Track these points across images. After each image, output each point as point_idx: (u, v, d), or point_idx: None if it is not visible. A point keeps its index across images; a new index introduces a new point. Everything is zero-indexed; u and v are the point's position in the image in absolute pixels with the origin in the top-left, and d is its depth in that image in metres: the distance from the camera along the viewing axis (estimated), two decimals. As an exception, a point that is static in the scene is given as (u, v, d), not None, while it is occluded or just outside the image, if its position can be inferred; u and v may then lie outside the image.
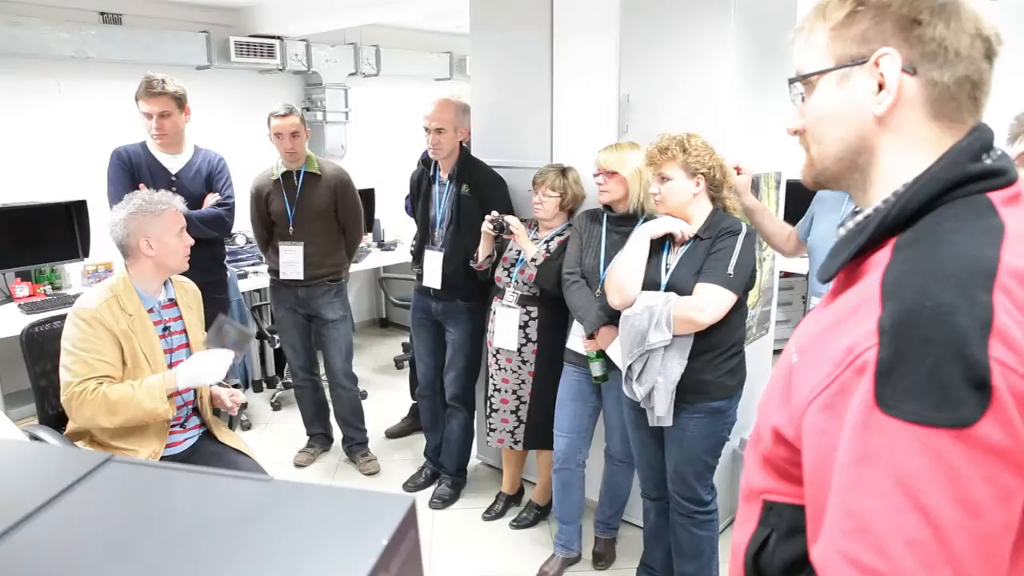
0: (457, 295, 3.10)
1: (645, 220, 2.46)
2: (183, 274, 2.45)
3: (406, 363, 5.05)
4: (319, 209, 3.33)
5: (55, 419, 2.42)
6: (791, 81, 0.89)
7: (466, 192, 3.01)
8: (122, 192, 2.79)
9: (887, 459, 0.67)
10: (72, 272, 4.34)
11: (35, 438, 2.22)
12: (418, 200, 3.20)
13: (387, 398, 4.54)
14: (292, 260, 3.35)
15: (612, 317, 2.40)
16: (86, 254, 4.22)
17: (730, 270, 2.10)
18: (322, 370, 3.69)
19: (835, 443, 0.72)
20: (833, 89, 0.85)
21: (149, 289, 2.34)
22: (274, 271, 3.45)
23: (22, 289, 3.95)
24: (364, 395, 4.43)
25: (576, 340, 2.62)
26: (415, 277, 3.26)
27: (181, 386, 2.23)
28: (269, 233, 3.45)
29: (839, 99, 0.84)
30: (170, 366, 2.31)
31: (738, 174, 2.40)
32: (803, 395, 0.77)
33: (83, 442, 2.28)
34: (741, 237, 2.13)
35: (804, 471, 0.78)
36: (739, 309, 2.17)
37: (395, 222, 5.60)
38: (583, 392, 2.66)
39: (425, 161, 3.18)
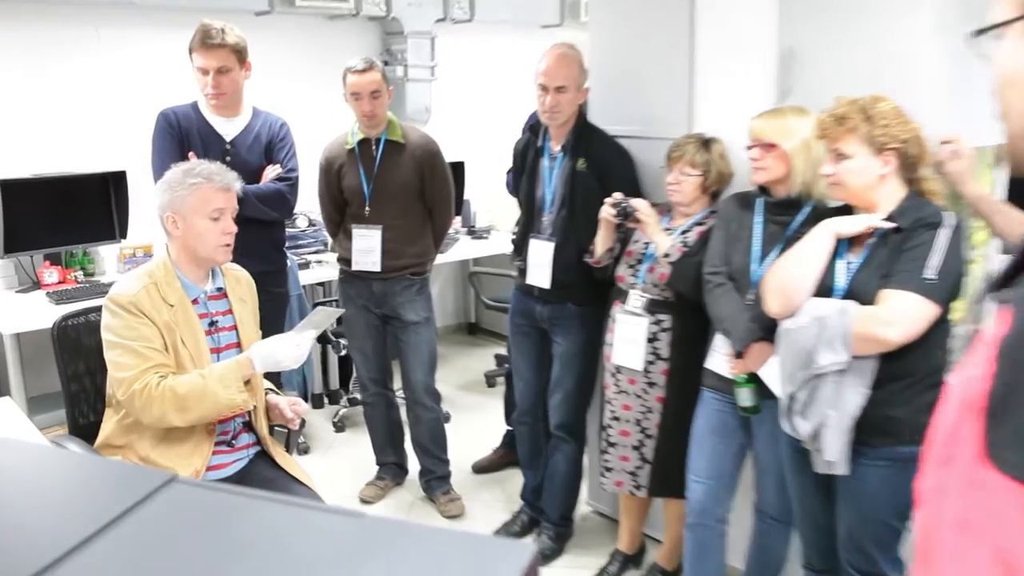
0: (568, 297, 3.12)
1: (814, 208, 2.40)
2: (236, 261, 2.58)
3: (501, 380, 5.12)
4: (401, 186, 3.43)
5: (86, 430, 2.59)
6: (976, 33, 0.86)
7: (582, 167, 3.02)
8: (168, 162, 2.94)
9: (990, 528, 0.66)
10: (107, 256, 4.62)
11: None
12: (522, 177, 3.24)
13: (475, 423, 4.62)
14: (367, 247, 3.46)
15: (768, 330, 2.35)
16: (124, 235, 4.49)
17: (929, 273, 2.03)
18: (398, 384, 3.79)
19: (946, 506, 0.72)
20: (1020, 44, 0.82)
21: (193, 276, 2.48)
22: (344, 260, 3.57)
23: (51, 275, 4.25)
24: (447, 418, 4.52)
25: (719, 359, 2.59)
26: (515, 273, 3.31)
27: (258, 369, 2.41)
28: (340, 214, 3.57)
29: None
30: None
31: (949, 154, 2.30)
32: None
33: (117, 458, 2.43)
34: (946, 231, 2.05)
35: (915, 543, 0.78)
36: (940, 326, 2.08)
37: (489, 203, 5.68)
38: (727, 426, 2.62)
39: (533, 128, 3.21)
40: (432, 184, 3.47)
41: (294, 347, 2.41)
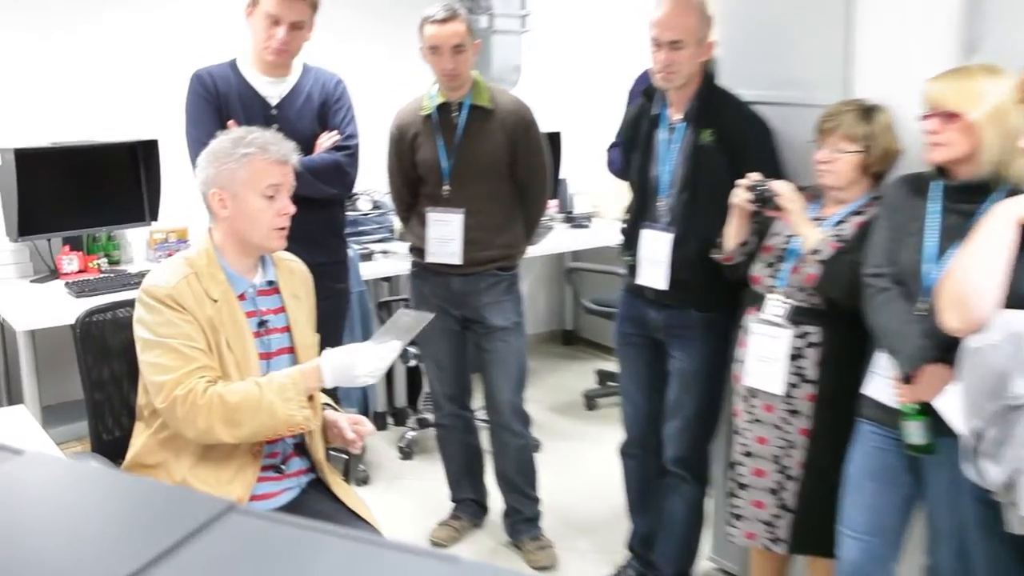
0: (689, 301, 3.11)
1: (1010, 194, 2.34)
2: (290, 250, 2.64)
3: (603, 402, 5.13)
4: (489, 160, 3.47)
5: (111, 447, 2.69)
6: None
7: (709, 141, 3.01)
8: (204, 131, 3.04)
9: None
10: (135, 241, 4.79)
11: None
12: (634, 152, 3.24)
13: (572, 453, 4.64)
14: (446, 235, 3.50)
15: (946, 349, 2.31)
16: (154, 216, 4.65)
17: None
18: (478, 403, 3.84)
19: None
20: None
21: (240, 267, 2.54)
22: (417, 250, 3.62)
23: (71, 262, 4.43)
24: (538, 446, 4.55)
25: (882, 383, 2.55)
26: (624, 270, 3.31)
27: (329, 382, 2.45)
28: (413, 194, 3.63)
29: None
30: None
31: None
32: None
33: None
34: None
35: None
36: None
37: (592, 184, 5.69)
38: (891, 469, 2.58)
39: (647, 92, 3.21)
40: (526, 159, 3.49)
41: (377, 360, 2.45)
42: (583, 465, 4.40)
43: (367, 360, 2.43)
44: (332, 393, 3.34)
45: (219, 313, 2.45)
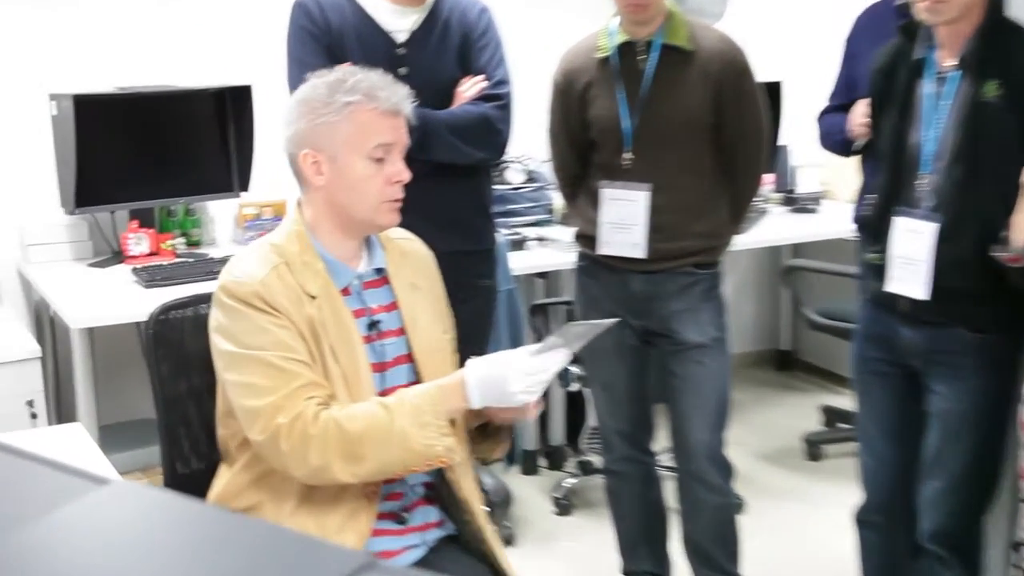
0: (960, 316, 3.03)
1: None
2: (406, 227, 2.66)
3: (832, 449, 5.05)
4: (686, 119, 3.42)
5: (188, 483, 2.75)
6: None
7: (995, 96, 2.93)
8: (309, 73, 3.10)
9: None
10: (220, 216, 4.93)
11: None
12: (884, 110, 3.18)
13: (787, 518, 4.60)
14: (625, 219, 3.48)
15: None
16: (244, 186, 4.76)
17: None
18: (663, 444, 3.81)
19: None
20: None
21: (341, 251, 2.56)
22: (585, 238, 3.61)
23: (139, 242, 4.59)
24: (741, 506, 4.49)
25: None
26: (865, 272, 3.25)
27: (476, 401, 2.43)
28: (583, 164, 3.62)
29: None
30: (383, 393, 2.50)
31: None
32: None
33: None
34: None
35: None
36: None
37: (820, 156, 5.59)
38: None
39: (907, 29, 3.14)
40: (735, 118, 3.45)
41: (541, 373, 2.42)
42: (802, 534, 4.33)
43: (522, 375, 2.40)
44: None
45: (320, 313, 2.46)
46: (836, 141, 4.06)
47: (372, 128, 2.46)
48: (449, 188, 3.41)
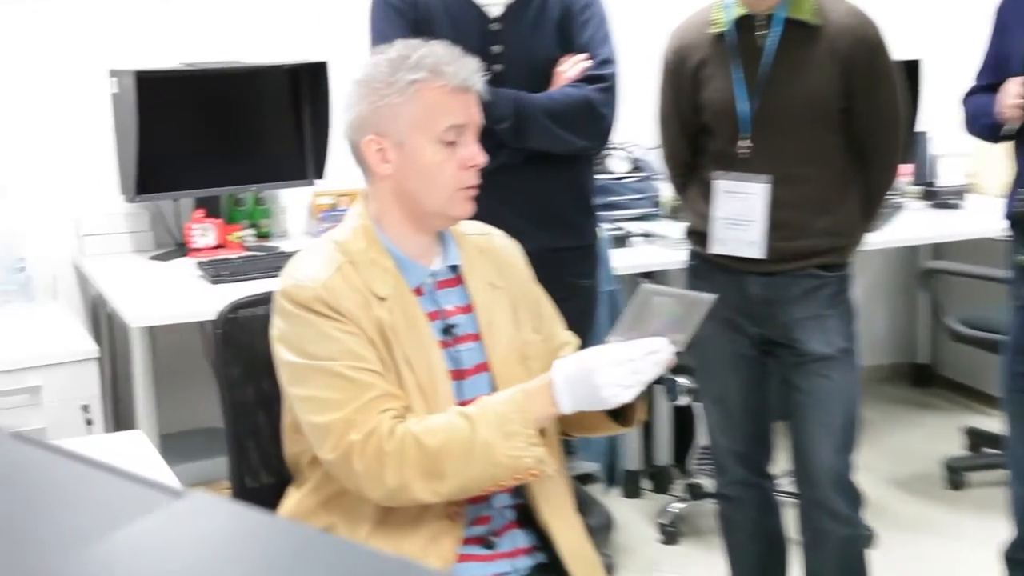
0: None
1: None
2: (482, 219, 2.68)
3: (977, 477, 5.00)
4: (811, 102, 3.39)
5: (258, 498, 2.77)
6: None
7: None
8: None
9: None
10: (292, 206, 4.97)
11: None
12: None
13: (924, 553, 4.56)
14: (742, 214, 3.46)
15: None
16: (319, 173, 4.80)
17: None
18: (783, 467, 3.81)
19: None
20: None
21: (411, 247, 2.57)
22: (697, 235, 3.60)
23: (204, 233, 4.66)
24: (871, 538, 4.46)
25: None
26: (1016, 274, 3.20)
27: (566, 405, 2.41)
28: (695, 151, 3.61)
29: None
30: (461, 404, 2.50)
31: None
32: None
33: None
34: None
35: None
36: None
37: (964, 144, 5.53)
38: None
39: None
40: (868, 101, 3.41)
41: (628, 363, 2.37)
42: (940, 573, 4.29)
43: (613, 362, 2.37)
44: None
45: (390, 316, 2.46)
46: (983, 126, 3.97)
47: (440, 108, 2.46)
48: (546, 178, 3.44)
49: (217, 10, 4.84)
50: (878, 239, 4.80)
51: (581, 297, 3.63)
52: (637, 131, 4.56)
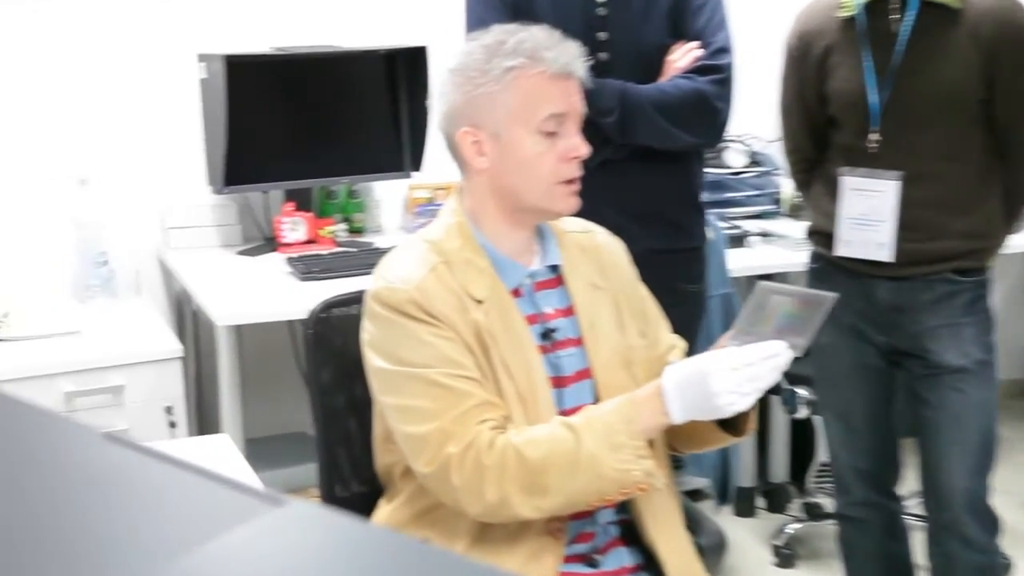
0: None
1: None
2: (598, 221, 2.68)
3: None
4: (949, 92, 3.35)
5: (346, 507, 2.76)
6: None
7: None
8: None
9: None
10: (387, 199, 4.98)
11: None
12: None
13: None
14: (870, 213, 3.41)
15: None
16: (417, 165, 4.80)
17: None
18: (911, 487, 3.77)
19: None
20: None
21: (509, 245, 2.56)
22: (821, 235, 3.58)
23: (295, 227, 4.68)
24: (1008, 567, 4.40)
25: None
26: None
27: (677, 415, 2.38)
28: (820, 146, 3.59)
29: None
30: (562, 413, 2.49)
31: None
32: None
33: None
34: None
35: None
36: None
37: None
38: None
39: None
40: (1013, 93, 3.35)
41: (746, 369, 2.33)
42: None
43: (728, 367, 2.33)
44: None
45: (487, 319, 2.46)
46: None
47: (540, 96, 2.45)
48: (652, 175, 3.42)
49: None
50: (1020, 242, 4.74)
51: (688, 303, 3.59)
52: (756, 123, 4.53)
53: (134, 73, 4.65)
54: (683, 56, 3.49)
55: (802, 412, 4.57)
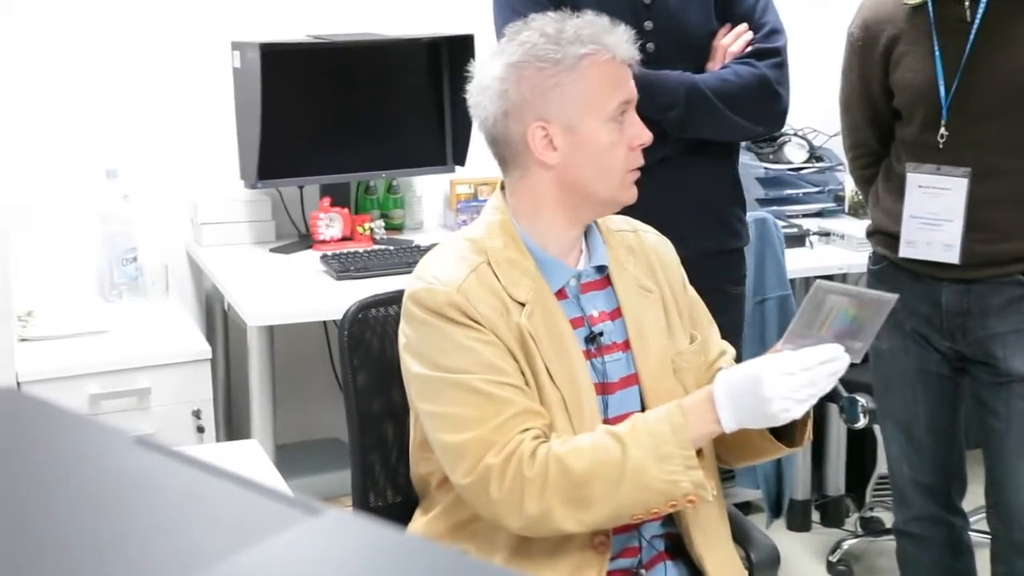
0: None
1: None
2: (642, 214, 2.68)
3: None
4: (1021, 82, 3.32)
5: (381, 517, 2.79)
6: None
7: None
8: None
9: None
10: (428, 195, 4.99)
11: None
12: None
13: None
14: (937, 212, 3.39)
15: None
16: (460, 159, 4.81)
17: None
18: (976, 502, 3.76)
19: None
20: None
21: (555, 244, 2.55)
22: (883, 235, 3.57)
23: (331, 223, 4.69)
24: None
25: None
26: None
27: (729, 422, 2.36)
28: (884, 141, 3.58)
29: None
30: (607, 421, 2.49)
31: None
32: None
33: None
34: None
35: None
36: None
37: None
38: None
39: None
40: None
41: (802, 374, 2.30)
42: None
43: (781, 371, 2.30)
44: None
45: (530, 322, 2.45)
46: None
47: (611, 83, 2.46)
48: (701, 170, 3.41)
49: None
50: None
51: (734, 306, 3.59)
52: (816, 116, 4.51)
53: (164, 61, 4.68)
54: (735, 40, 3.47)
55: (861, 420, 4.54)
